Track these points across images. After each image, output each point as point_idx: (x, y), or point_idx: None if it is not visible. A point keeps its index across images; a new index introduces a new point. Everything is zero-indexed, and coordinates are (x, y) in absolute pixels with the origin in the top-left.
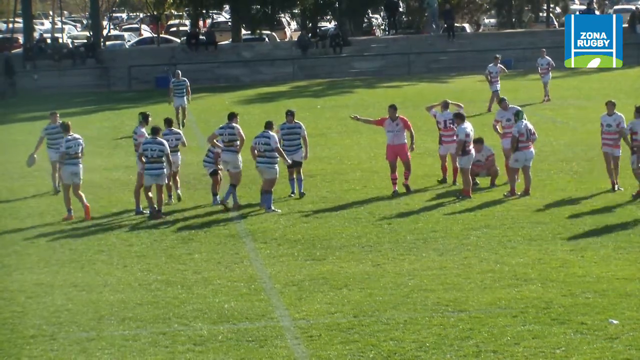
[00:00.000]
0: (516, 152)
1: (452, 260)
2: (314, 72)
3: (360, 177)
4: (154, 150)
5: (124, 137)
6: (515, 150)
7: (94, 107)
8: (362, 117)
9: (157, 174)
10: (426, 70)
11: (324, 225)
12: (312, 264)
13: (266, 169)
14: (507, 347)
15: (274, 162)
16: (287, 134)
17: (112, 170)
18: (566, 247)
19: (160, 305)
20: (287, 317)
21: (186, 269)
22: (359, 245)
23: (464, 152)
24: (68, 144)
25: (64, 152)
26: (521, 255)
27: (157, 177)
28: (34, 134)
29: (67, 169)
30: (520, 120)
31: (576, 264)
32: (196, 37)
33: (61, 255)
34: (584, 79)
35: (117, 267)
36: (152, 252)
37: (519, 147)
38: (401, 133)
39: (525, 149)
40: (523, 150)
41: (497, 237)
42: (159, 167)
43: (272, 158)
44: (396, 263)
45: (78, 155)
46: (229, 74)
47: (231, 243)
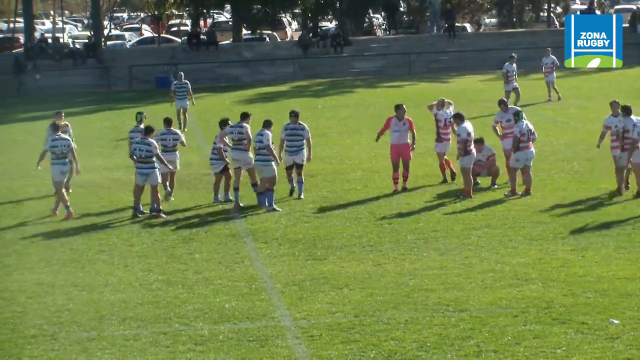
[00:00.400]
0: (517, 152)
1: (453, 260)
2: (314, 72)
3: (360, 176)
4: (142, 150)
5: (125, 138)
6: (516, 150)
7: (94, 107)
8: (378, 133)
9: (146, 173)
10: (427, 70)
11: (325, 225)
12: (313, 263)
13: (261, 166)
14: (508, 347)
15: (269, 160)
16: (290, 135)
17: (113, 170)
18: (567, 247)
19: (161, 305)
20: (287, 316)
21: (187, 268)
22: (359, 245)
23: (465, 152)
24: (54, 143)
25: (45, 151)
26: (522, 255)
27: (148, 177)
28: (34, 134)
29: (56, 169)
30: (520, 120)
31: (577, 264)
32: (197, 37)
33: (62, 255)
34: (584, 79)
35: (118, 267)
36: (153, 251)
37: (519, 147)
38: (405, 134)
39: (525, 148)
40: (524, 150)
41: (498, 237)
42: (149, 166)
43: (266, 155)
44: (397, 263)
45: (66, 155)
46: (230, 74)
47: (232, 243)
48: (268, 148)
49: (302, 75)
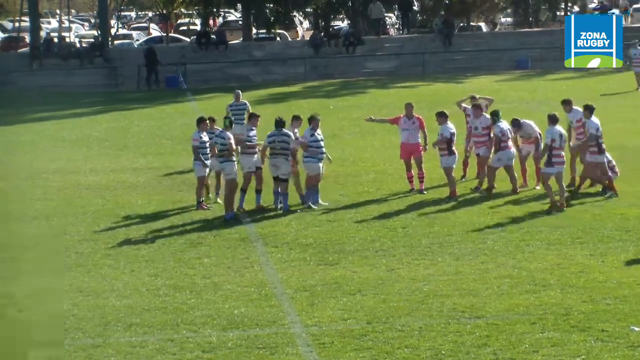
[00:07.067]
0: (499, 152)
1: (469, 265)
2: (326, 72)
3: (374, 179)
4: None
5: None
6: (497, 150)
7: (101, 108)
8: (377, 117)
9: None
10: (441, 70)
11: (337, 228)
12: (325, 268)
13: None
14: (526, 355)
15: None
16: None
17: (120, 172)
18: (586, 252)
19: (168, 311)
20: (298, 323)
21: (195, 273)
22: (372, 250)
23: (449, 152)
24: None
25: None
26: (540, 260)
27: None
28: (40, 134)
29: None
30: (499, 120)
31: (596, 269)
32: (206, 36)
33: (67, 259)
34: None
35: (124, 272)
36: (160, 256)
37: (501, 146)
38: (416, 132)
39: (506, 148)
40: (505, 150)
41: (515, 242)
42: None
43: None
44: (411, 268)
45: None
46: (240, 74)
47: (241, 247)
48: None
49: (313, 76)
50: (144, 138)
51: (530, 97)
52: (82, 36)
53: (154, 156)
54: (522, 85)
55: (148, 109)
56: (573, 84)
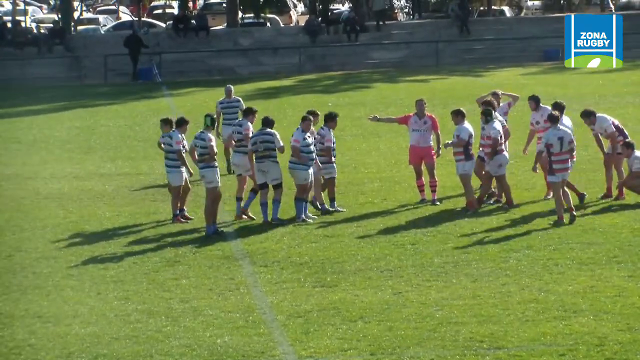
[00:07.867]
0: (497, 156)
1: (488, 288)
2: (324, 63)
3: (379, 188)
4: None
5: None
6: (495, 155)
7: (63, 104)
8: (382, 116)
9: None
10: (458, 62)
11: (336, 245)
12: (322, 291)
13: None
14: None
15: (297, 164)
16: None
17: (85, 179)
18: (623, 273)
19: (141, 340)
20: (291, 354)
21: (172, 297)
22: (377, 270)
23: (467, 156)
24: None
25: None
26: (570, 282)
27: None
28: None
29: None
30: (492, 120)
31: (635, 293)
32: (185, 21)
33: (22, 279)
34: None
35: (90, 295)
36: (130, 276)
37: (498, 149)
38: (428, 134)
39: (502, 152)
40: (502, 153)
41: (542, 260)
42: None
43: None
44: (421, 291)
45: None
46: (224, 65)
47: (225, 266)
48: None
49: (309, 67)
50: (112, 139)
51: (562, 94)
52: (40, 20)
53: (124, 160)
54: (552, 80)
55: (117, 105)
56: (613, 78)
